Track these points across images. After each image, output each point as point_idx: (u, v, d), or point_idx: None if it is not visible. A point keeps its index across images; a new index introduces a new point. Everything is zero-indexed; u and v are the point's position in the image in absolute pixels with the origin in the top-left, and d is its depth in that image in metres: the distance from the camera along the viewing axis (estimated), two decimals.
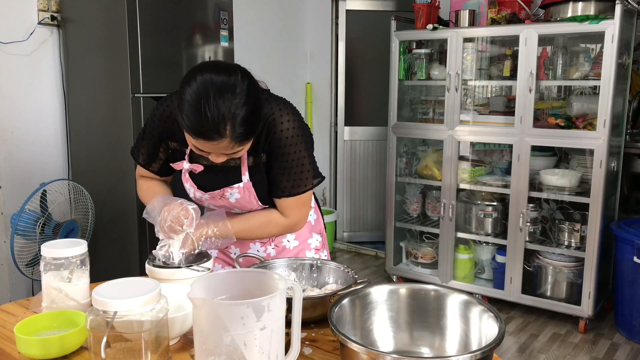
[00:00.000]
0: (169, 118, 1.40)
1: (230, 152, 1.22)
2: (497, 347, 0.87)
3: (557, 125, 3.21)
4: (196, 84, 1.15)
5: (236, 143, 1.19)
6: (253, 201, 1.40)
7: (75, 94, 2.87)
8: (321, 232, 1.61)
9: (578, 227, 3.18)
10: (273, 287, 0.92)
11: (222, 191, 1.39)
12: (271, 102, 1.33)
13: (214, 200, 1.42)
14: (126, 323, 0.90)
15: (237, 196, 1.38)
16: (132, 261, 2.70)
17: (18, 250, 2.49)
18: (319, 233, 1.60)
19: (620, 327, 3.14)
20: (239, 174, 1.37)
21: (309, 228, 1.57)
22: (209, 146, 1.19)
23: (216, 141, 1.16)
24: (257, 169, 1.37)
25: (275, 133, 1.32)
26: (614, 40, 2.87)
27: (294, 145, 1.33)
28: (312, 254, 1.56)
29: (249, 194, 1.38)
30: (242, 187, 1.37)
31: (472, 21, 3.37)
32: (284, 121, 1.32)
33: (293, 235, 1.54)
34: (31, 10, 2.77)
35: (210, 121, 1.13)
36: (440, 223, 3.58)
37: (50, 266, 1.19)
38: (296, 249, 1.55)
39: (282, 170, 1.35)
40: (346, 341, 0.87)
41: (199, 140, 1.18)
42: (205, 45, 2.91)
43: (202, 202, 1.46)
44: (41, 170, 2.86)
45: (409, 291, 1.08)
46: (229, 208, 1.44)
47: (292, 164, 1.35)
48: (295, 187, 1.37)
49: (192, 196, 1.45)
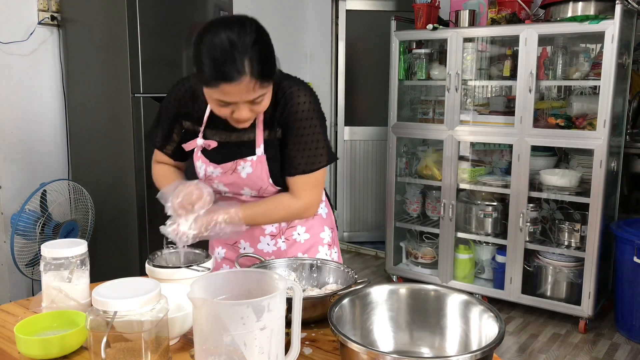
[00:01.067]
0: (183, 97, 1.42)
1: (253, 96, 1.21)
2: (497, 347, 0.87)
3: (557, 125, 3.21)
4: (210, 34, 1.18)
5: (256, 81, 1.18)
6: (264, 177, 1.37)
7: (75, 94, 2.87)
8: (332, 226, 1.58)
9: (578, 227, 3.18)
10: (273, 287, 0.92)
11: (235, 163, 1.37)
12: (288, 79, 1.37)
13: (224, 176, 1.40)
14: (126, 323, 0.90)
15: (249, 170, 1.36)
16: (132, 261, 2.70)
17: (18, 250, 2.49)
18: (331, 228, 1.57)
19: (620, 327, 3.14)
20: (253, 148, 1.36)
21: (321, 221, 1.54)
22: (231, 90, 1.18)
23: (236, 81, 1.17)
24: (271, 143, 1.36)
25: (291, 106, 1.33)
26: (614, 40, 2.87)
27: (309, 119, 1.34)
28: (324, 250, 1.53)
29: (261, 169, 1.36)
30: (256, 161, 1.35)
31: (472, 21, 3.37)
32: (300, 95, 1.34)
33: (304, 227, 1.50)
34: (31, 10, 2.77)
35: (228, 60, 1.16)
36: (440, 223, 3.58)
37: (50, 266, 1.19)
38: (307, 243, 1.51)
39: (296, 146, 1.35)
40: (346, 341, 0.87)
41: (221, 86, 1.18)
42: None
43: (212, 179, 1.42)
44: (41, 170, 2.87)
45: (409, 291, 1.08)
46: (239, 186, 1.41)
47: (307, 139, 1.35)
48: (309, 163, 1.36)
49: (203, 174, 1.43)
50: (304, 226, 1.51)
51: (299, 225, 1.50)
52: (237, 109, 1.24)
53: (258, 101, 1.24)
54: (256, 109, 1.27)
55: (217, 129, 1.40)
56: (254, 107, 1.25)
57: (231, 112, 1.25)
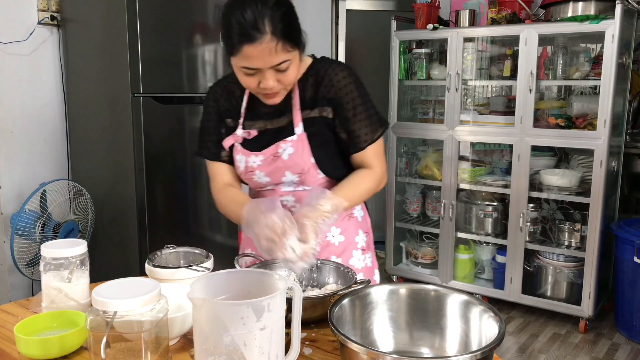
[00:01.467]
0: (220, 96, 1.45)
1: (276, 59, 1.20)
2: (497, 347, 0.87)
3: (557, 125, 3.21)
4: (233, 1, 1.22)
5: (278, 42, 1.18)
6: (306, 157, 1.34)
7: (75, 94, 2.87)
8: (368, 230, 1.53)
9: (578, 227, 3.18)
10: (273, 287, 0.92)
11: (276, 147, 1.35)
12: (321, 61, 1.39)
13: (265, 164, 1.37)
14: (126, 323, 0.90)
15: (290, 151, 1.34)
16: (132, 261, 2.70)
17: (18, 250, 2.49)
18: (366, 232, 1.52)
19: (620, 327, 3.14)
20: (292, 129, 1.35)
21: (355, 224, 1.49)
22: (253, 52, 1.18)
23: (258, 40, 1.17)
24: (312, 121, 1.36)
25: (337, 82, 1.34)
26: (614, 40, 2.87)
27: (358, 90, 1.35)
28: (358, 254, 1.48)
29: (302, 148, 1.34)
30: (296, 140, 1.34)
31: (472, 21, 3.37)
32: (339, 71, 1.35)
33: (338, 229, 1.46)
34: (31, 10, 2.76)
35: (248, 20, 1.17)
36: (441, 223, 3.58)
37: (50, 266, 1.19)
38: (341, 246, 1.46)
39: (356, 118, 1.35)
40: (346, 341, 0.87)
41: (244, 48, 1.18)
42: (205, 45, 2.91)
43: (254, 171, 1.39)
44: (41, 170, 2.87)
45: (409, 291, 1.08)
46: (280, 172, 1.37)
47: (362, 108, 1.35)
48: (373, 131, 1.36)
49: (243, 168, 1.40)
50: (339, 227, 1.46)
51: (333, 226, 1.45)
52: (263, 78, 1.24)
53: (282, 68, 1.23)
54: (282, 78, 1.26)
55: (255, 119, 1.40)
56: (279, 76, 1.25)
57: (258, 82, 1.25)
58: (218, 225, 3.13)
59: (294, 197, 1.41)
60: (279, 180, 1.39)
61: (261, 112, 1.39)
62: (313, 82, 1.36)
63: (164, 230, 2.78)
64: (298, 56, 1.27)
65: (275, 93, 1.30)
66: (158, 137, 2.71)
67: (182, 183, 2.87)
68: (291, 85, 1.32)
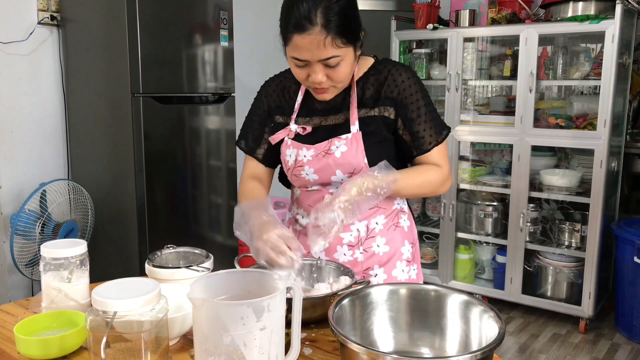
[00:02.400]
0: (274, 92, 1.44)
1: (324, 54, 1.19)
2: (497, 347, 0.87)
3: (557, 125, 3.21)
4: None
5: (327, 35, 1.17)
6: (360, 156, 1.31)
7: (75, 93, 2.86)
8: (414, 241, 1.47)
9: (578, 227, 3.18)
10: (273, 287, 0.91)
11: (329, 143, 1.32)
12: (384, 62, 1.37)
13: (316, 159, 1.33)
14: (126, 323, 0.90)
15: (343, 149, 1.31)
16: (132, 261, 2.70)
17: (18, 251, 2.49)
18: (412, 243, 1.46)
19: (620, 327, 3.14)
20: (348, 127, 1.33)
21: (402, 234, 1.43)
22: (302, 42, 1.18)
23: (307, 31, 1.16)
24: (371, 121, 1.33)
25: (401, 82, 1.33)
26: (615, 40, 2.87)
27: (421, 91, 1.34)
28: (402, 265, 1.42)
29: (356, 147, 1.31)
30: (351, 138, 1.31)
31: (472, 21, 3.37)
32: (402, 72, 1.34)
33: (384, 239, 1.40)
34: (31, 10, 2.76)
35: (302, 9, 1.17)
36: (441, 223, 3.57)
37: (49, 266, 1.19)
38: (386, 256, 1.40)
39: (420, 119, 1.33)
40: (346, 341, 0.87)
41: (293, 38, 1.18)
42: (205, 45, 2.91)
43: (303, 166, 1.35)
44: (41, 171, 2.86)
45: (409, 291, 1.08)
46: (330, 170, 1.33)
47: (426, 110, 1.34)
48: (438, 132, 1.34)
49: (292, 162, 1.37)
50: (384, 237, 1.40)
51: (379, 236, 1.40)
52: (312, 71, 1.23)
53: (332, 64, 1.22)
54: (332, 74, 1.24)
55: (309, 115, 1.38)
56: (329, 71, 1.23)
57: (307, 75, 1.25)
58: (218, 225, 3.13)
59: None
60: (328, 180, 1.35)
61: (316, 108, 1.37)
62: (374, 82, 1.34)
63: (164, 230, 2.77)
64: (352, 54, 1.25)
65: (324, 89, 1.28)
66: (158, 137, 2.71)
67: (182, 183, 2.87)
68: (342, 83, 1.29)
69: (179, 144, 2.84)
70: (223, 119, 3.06)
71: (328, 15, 1.17)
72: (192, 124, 2.90)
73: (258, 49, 3.95)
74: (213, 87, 2.99)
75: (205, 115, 2.97)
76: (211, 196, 3.06)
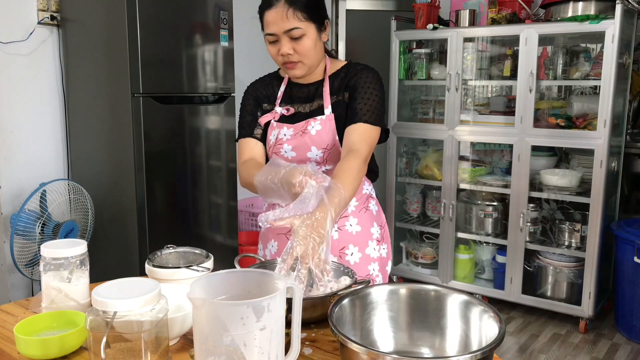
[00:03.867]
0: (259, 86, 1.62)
1: (288, 25, 1.39)
2: (497, 347, 0.87)
3: (557, 125, 3.21)
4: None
5: (290, 7, 1.38)
6: (332, 135, 1.50)
7: (75, 94, 2.86)
8: (382, 224, 1.65)
9: (578, 227, 3.18)
10: (273, 287, 0.91)
11: (306, 123, 1.51)
12: (356, 63, 1.57)
13: (294, 138, 1.51)
14: (126, 323, 0.90)
15: (318, 127, 1.50)
16: (132, 261, 2.70)
17: (18, 251, 2.49)
18: (380, 225, 1.63)
19: (620, 327, 3.14)
20: (322, 110, 1.52)
21: (370, 217, 1.61)
22: (270, 17, 1.40)
23: (274, 7, 1.39)
24: (338, 105, 1.52)
25: (360, 74, 1.51)
26: (615, 40, 2.87)
27: (375, 85, 1.50)
28: (373, 244, 1.59)
29: (329, 126, 1.50)
30: (325, 119, 1.51)
31: (472, 21, 3.37)
32: (366, 70, 1.53)
33: (355, 219, 1.56)
34: (31, 10, 2.76)
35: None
36: (441, 223, 3.57)
37: (49, 266, 1.19)
38: (359, 235, 1.56)
39: (362, 100, 1.48)
40: (346, 341, 0.86)
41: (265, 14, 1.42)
42: (205, 45, 2.91)
43: (282, 143, 1.52)
44: (41, 170, 2.86)
45: (409, 291, 1.08)
46: (306, 147, 1.50)
47: (371, 97, 1.48)
48: (372, 116, 1.46)
49: (274, 140, 1.54)
50: (356, 218, 1.57)
51: (351, 216, 1.57)
52: (281, 45, 1.42)
53: (295, 35, 1.41)
54: (297, 47, 1.43)
55: (290, 103, 1.57)
56: (294, 44, 1.42)
57: (278, 50, 1.43)
58: (218, 225, 3.13)
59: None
60: (304, 156, 1.52)
61: (296, 96, 1.57)
62: (344, 76, 1.54)
63: (164, 230, 2.78)
64: (314, 31, 1.44)
65: (294, 63, 1.46)
66: (158, 137, 2.71)
67: (182, 183, 2.87)
68: (308, 59, 1.46)
69: (179, 144, 2.84)
70: (223, 119, 3.07)
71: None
72: (192, 124, 2.90)
73: (258, 49, 3.94)
74: (213, 87, 2.99)
75: (205, 115, 2.97)
76: (211, 196, 3.05)
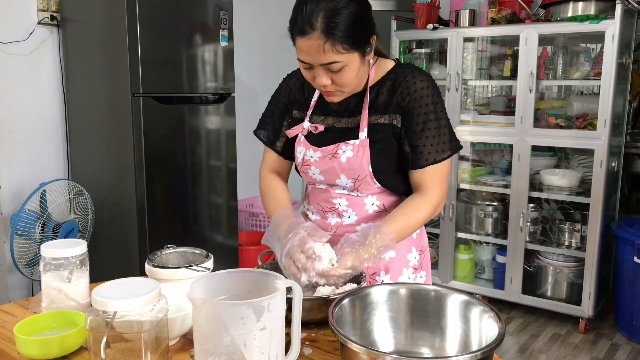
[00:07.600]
0: (294, 86, 1.45)
1: (325, 59, 1.18)
2: (497, 347, 0.87)
3: (557, 125, 3.21)
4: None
5: (327, 41, 1.15)
6: (364, 164, 1.29)
7: (74, 93, 2.86)
8: (422, 249, 1.45)
9: (578, 227, 3.18)
10: (273, 287, 0.91)
11: (336, 147, 1.32)
12: (403, 67, 1.35)
13: (323, 161, 1.34)
14: (126, 323, 0.90)
15: (349, 154, 1.30)
16: (132, 261, 2.70)
17: (18, 251, 2.49)
18: (419, 250, 1.43)
19: (620, 327, 3.14)
20: (357, 132, 1.31)
21: (409, 241, 1.40)
22: (303, 45, 1.19)
23: (307, 35, 1.16)
24: (379, 127, 1.31)
25: (414, 90, 1.28)
26: (615, 40, 2.87)
27: (434, 105, 1.29)
28: (408, 272, 1.41)
29: (362, 154, 1.29)
30: (358, 145, 1.30)
31: (472, 21, 3.37)
32: (418, 81, 1.29)
33: None
34: (31, 10, 2.76)
35: (306, 12, 1.17)
36: (441, 223, 3.57)
37: (49, 266, 1.19)
38: (392, 261, 1.39)
39: (423, 134, 1.28)
40: (346, 341, 0.87)
41: (297, 40, 1.20)
42: (205, 45, 2.91)
43: (310, 165, 1.36)
44: (41, 170, 2.86)
45: (409, 291, 1.08)
46: (335, 173, 1.34)
47: (433, 125, 1.28)
48: (439, 151, 1.28)
49: (301, 160, 1.38)
50: None
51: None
52: (316, 74, 1.23)
53: (334, 69, 1.20)
54: (336, 79, 1.23)
55: (324, 114, 1.38)
56: (333, 76, 1.22)
57: (313, 77, 1.25)
58: (218, 225, 3.13)
59: (347, 202, 1.37)
60: (333, 182, 1.36)
61: (331, 108, 1.36)
62: (390, 87, 1.32)
63: (164, 230, 2.77)
64: (358, 59, 1.22)
65: (331, 92, 1.28)
66: (158, 137, 2.71)
67: (182, 183, 2.87)
68: (349, 88, 1.28)
69: (179, 144, 2.84)
70: (223, 119, 3.06)
71: (329, 20, 1.15)
72: (192, 124, 2.90)
73: (258, 49, 3.95)
74: (213, 87, 2.99)
75: (205, 115, 2.97)
76: (211, 196, 3.05)
